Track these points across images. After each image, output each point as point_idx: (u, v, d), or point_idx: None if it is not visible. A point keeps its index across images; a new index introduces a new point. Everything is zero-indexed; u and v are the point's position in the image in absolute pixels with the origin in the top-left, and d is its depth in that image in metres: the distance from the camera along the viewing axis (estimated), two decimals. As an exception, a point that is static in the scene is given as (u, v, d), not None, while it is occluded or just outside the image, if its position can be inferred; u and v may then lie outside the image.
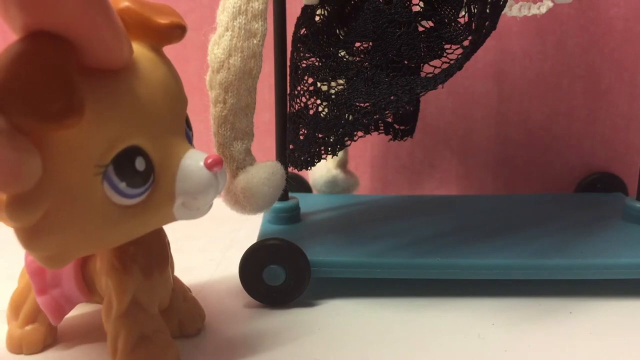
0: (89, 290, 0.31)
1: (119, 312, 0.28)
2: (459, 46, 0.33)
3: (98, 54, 0.23)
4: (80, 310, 0.36)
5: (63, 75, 0.21)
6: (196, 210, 0.27)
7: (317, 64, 0.38)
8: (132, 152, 0.25)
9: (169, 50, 0.28)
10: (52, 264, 0.25)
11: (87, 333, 0.34)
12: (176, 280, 0.34)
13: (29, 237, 0.23)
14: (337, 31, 0.39)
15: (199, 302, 0.35)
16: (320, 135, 0.36)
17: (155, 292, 0.30)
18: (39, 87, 0.21)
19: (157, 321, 0.30)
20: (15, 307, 0.32)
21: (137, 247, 0.28)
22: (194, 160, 0.26)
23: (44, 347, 0.32)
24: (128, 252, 0.28)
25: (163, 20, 0.27)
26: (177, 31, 0.27)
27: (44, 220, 0.23)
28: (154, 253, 0.30)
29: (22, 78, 0.20)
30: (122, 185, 0.24)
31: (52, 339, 0.33)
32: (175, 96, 0.27)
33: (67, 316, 0.32)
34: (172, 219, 0.27)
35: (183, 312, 0.33)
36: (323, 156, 0.37)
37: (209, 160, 0.26)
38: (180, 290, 0.33)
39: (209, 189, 0.27)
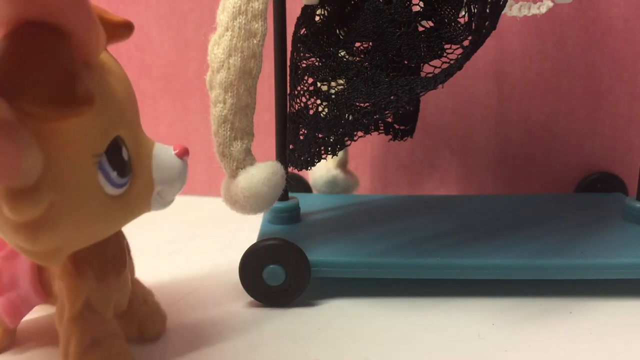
0: (46, 293, 0.30)
1: (71, 315, 0.28)
2: (459, 46, 0.33)
3: (82, 43, 0.23)
4: (41, 313, 0.35)
5: (73, 61, 0.21)
6: (168, 200, 0.29)
7: (317, 64, 0.38)
8: (119, 142, 0.26)
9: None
10: (50, 260, 0.25)
11: (47, 336, 0.33)
12: (137, 283, 0.33)
13: (32, 231, 0.23)
14: (337, 31, 0.38)
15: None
16: (320, 135, 0.36)
17: (110, 296, 0.29)
18: (55, 73, 0.20)
19: (111, 326, 0.29)
20: None
21: (92, 250, 0.27)
22: (165, 151, 0.29)
23: (1, 349, 0.32)
24: (82, 255, 0.27)
25: (115, 18, 0.26)
26: (127, 29, 0.27)
27: (47, 213, 0.23)
28: (109, 257, 0.29)
29: (36, 64, 0.20)
30: (114, 175, 0.25)
31: (10, 340, 0.32)
32: (133, 92, 0.28)
33: (27, 318, 0.32)
34: (148, 208, 0.29)
35: (143, 315, 0.33)
36: (323, 156, 0.37)
37: (178, 150, 0.29)
38: (140, 294, 0.33)
39: (183, 176, 0.29)
